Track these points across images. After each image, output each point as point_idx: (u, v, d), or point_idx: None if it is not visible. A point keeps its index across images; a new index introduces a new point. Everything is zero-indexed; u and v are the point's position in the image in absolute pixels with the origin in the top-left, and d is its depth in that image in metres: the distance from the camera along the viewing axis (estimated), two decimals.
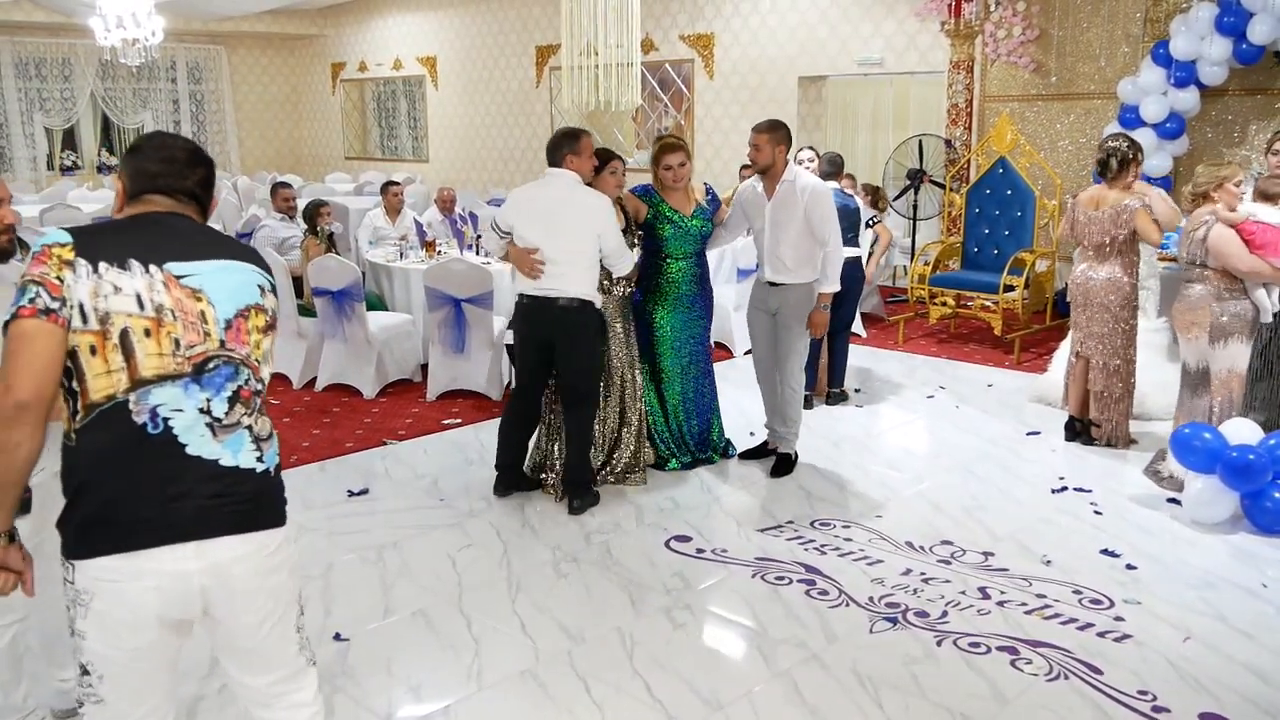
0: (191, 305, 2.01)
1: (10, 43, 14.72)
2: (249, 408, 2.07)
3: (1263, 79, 7.97)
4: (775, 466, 5.26)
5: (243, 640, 2.14)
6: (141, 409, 1.95)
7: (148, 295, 1.97)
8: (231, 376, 2.05)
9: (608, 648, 3.55)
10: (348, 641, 3.61)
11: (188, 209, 2.16)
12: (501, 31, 14.04)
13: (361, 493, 5.06)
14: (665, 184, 5.06)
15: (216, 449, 2.02)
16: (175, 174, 2.15)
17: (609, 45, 6.06)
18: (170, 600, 2.01)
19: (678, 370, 5.21)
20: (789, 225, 4.98)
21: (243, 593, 2.08)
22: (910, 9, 9.85)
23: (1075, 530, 4.53)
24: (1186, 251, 4.90)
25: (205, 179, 2.20)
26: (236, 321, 2.06)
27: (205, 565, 2.02)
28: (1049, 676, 3.36)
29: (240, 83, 17.02)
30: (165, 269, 2.00)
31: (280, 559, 2.15)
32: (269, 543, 2.11)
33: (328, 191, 12.99)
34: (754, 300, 5.29)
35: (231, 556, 2.05)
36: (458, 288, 6.37)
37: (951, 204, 9.08)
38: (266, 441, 2.12)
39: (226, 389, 2.04)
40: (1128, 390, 5.49)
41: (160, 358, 1.97)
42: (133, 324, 1.95)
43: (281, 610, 2.17)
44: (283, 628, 2.18)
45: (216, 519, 2.02)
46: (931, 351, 7.93)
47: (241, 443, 2.06)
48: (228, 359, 2.04)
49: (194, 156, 2.19)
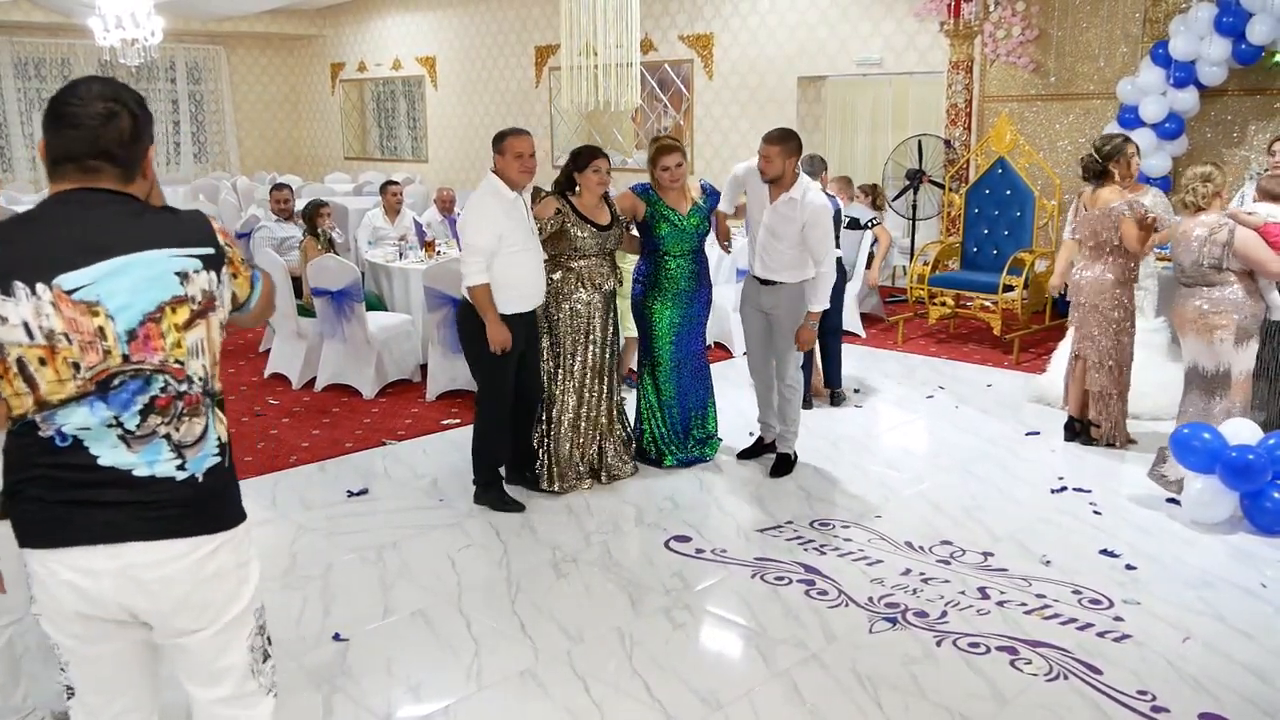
0: (87, 323, 1.84)
1: (10, 43, 14.71)
2: (167, 415, 1.93)
3: (1262, 79, 7.98)
4: (775, 467, 5.26)
5: (183, 644, 2.05)
6: (48, 427, 1.88)
7: (36, 323, 1.82)
8: (141, 389, 1.90)
9: (607, 648, 3.55)
10: (347, 641, 3.61)
11: (103, 178, 1.91)
12: (501, 32, 14.04)
13: (361, 493, 5.06)
14: (662, 184, 5.09)
15: (130, 459, 1.91)
16: (82, 136, 1.88)
17: (608, 45, 6.07)
18: (87, 598, 1.94)
19: (675, 365, 5.27)
20: (785, 235, 4.99)
21: (170, 598, 1.97)
22: (909, 9, 9.85)
23: (1075, 530, 4.53)
24: (1204, 256, 4.81)
25: (125, 133, 1.91)
26: (143, 329, 1.88)
27: (118, 567, 1.92)
28: (1048, 676, 3.36)
29: (239, 83, 17.01)
30: (55, 285, 1.82)
31: (219, 564, 2.01)
32: (200, 548, 1.98)
33: (327, 192, 12.98)
34: (747, 297, 5.31)
35: (148, 560, 1.93)
36: (457, 287, 6.35)
37: (951, 204, 9.08)
38: (193, 447, 1.96)
39: (136, 402, 1.90)
40: (1122, 391, 5.49)
41: (60, 384, 1.85)
42: (26, 354, 1.83)
43: (226, 619, 2.05)
44: (227, 638, 2.06)
45: (132, 526, 1.92)
46: (931, 352, 7.93)
47: (158, 451, 1.93)
48: (135, 373, 1.89)
49: (107, 109, 1.89)
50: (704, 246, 5.29)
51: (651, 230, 5.12)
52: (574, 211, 4.88)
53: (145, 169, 2.00)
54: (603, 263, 4.98)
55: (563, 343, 4.95)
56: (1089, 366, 5.48)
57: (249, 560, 2.10)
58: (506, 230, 4.57)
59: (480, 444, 4.83)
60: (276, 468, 5.43)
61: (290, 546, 4.43)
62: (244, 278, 2.12)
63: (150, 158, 2.01)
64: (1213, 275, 4.83)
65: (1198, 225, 4.86)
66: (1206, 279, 4.85)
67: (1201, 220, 4.86)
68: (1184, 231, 4.92)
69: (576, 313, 4.93)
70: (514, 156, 4.57)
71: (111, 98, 1.91)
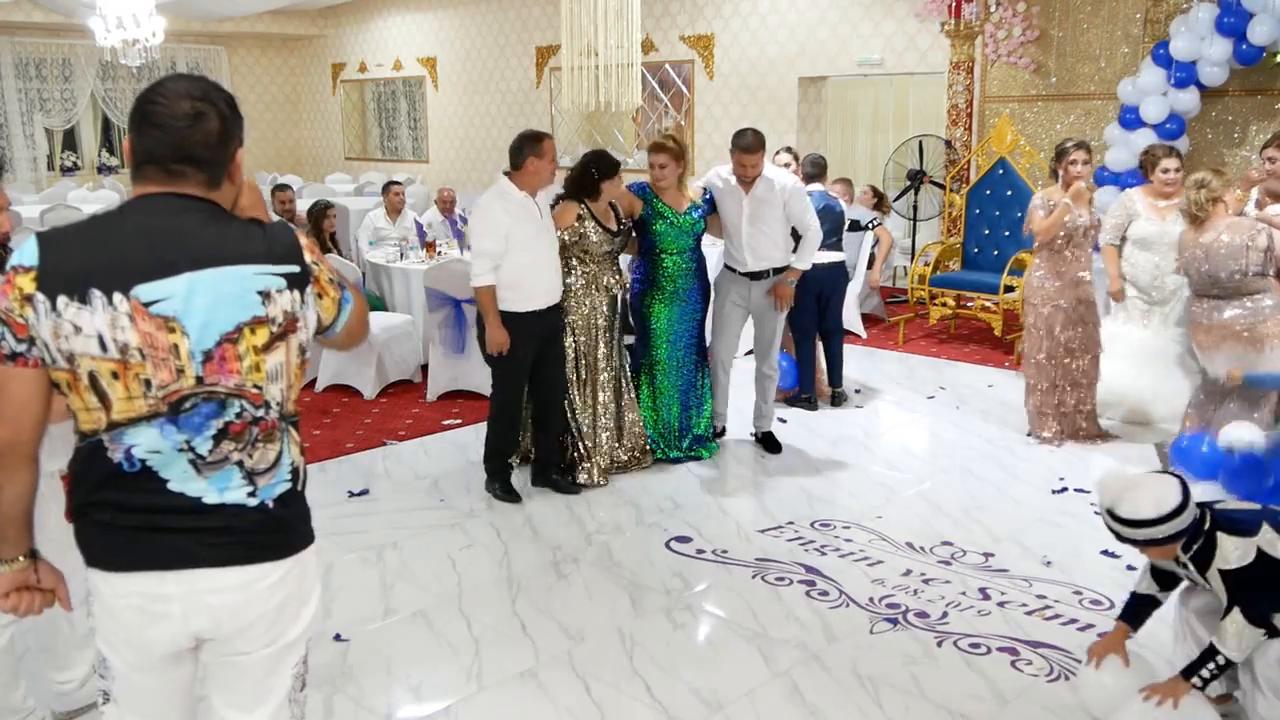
0: (163, 339, 1.76)
1: (10, 43, 14.71)
2: (241, 441, 1.84)
3: (1263, 80, 7.97)
4: (770, 446, 5.57)
5: (235, 661, 1.98)
6: (116, 448, 1.79)
7: (110, 335, 1.74)
8: (215, 413, 1.82)
9: (608, 648, 3.55)
10: (347, 642, 3.60)
11: (188, 184, 1.81)
12: (501, 32, 14.04)
13: (362, 493, 5.06)
14: (652, 181, 5.20)
15: (200, 486, 1.83)
16: (166, 138, 1.78)
17: (609, 46, 6.07)
18: (154, 623, 1.87)
19: (674, 363, 5.33)
20: (769, 218, 5.26)
21: (237, 622, 1.91)
22: (910, 9, 9.85)
23: (1075, 531, 4.53)
24: (1248, 264, 4.65)
25: (212, 136, 1.81)
26: (220, 350, 1.80)
27: (186, 592, 1.86)
28: (1049, 677, 3.36)
29: (240, 83, 17.00)
30: (133, 296, 1.74)
31: (287, 590, 1.94)
32: (269, 575, 1.91)
33: (328, 192, 12.99)
34: (730, 295, 5.43)
35: (216, 586, 1.87)
36: (458, 288, 6.37)
37: (951, 205, 9.08)
38: (265, 474, 1.88)
39: (209, 427, 1.81)
40: (1038, 385, 5.62)
41: (130, 401, 1.77)
42: (98, 367, 1.75)
43: (284, 642, 1.98)
44: (278, 660, 1.99)
45: (200, 553, 1.85)
46: (931, 352, 7.93)
47: (229, 479, 1.85)
48: (209, 395, 1.80)
49: (195, 108, 1.79)
50: (701, 245, 5.35)
51: (648, 228, 5.19)
52: (592, 216, 4.97)
53: (234, 174, 1.89)
54: (611, 266, 5.10)
55: (577, 344, 5.05)
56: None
57: (314, 584, 2.03)
58: (514, 230, 4.64)
59: (490, 436, 4.97)
60: None
61: None
62: (330, 299, 1.98)
63: (239, 161, 1.90)
64: (1255, 283, 4.70)
65: (1224, 233, 4.69)
66: (1248, 287, 4.71)
67: (1226, 228, 4.70)
68: (1207, 242, 4.72)
69: (589, 314, 5.03)
70: (551, 160, 4.71)
71: (200, 96, 1.81)
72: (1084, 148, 5.49)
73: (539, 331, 4.79)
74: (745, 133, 5.14)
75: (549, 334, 4.88)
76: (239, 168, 1.90)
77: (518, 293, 4.68)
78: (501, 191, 4.72)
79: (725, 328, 5.50)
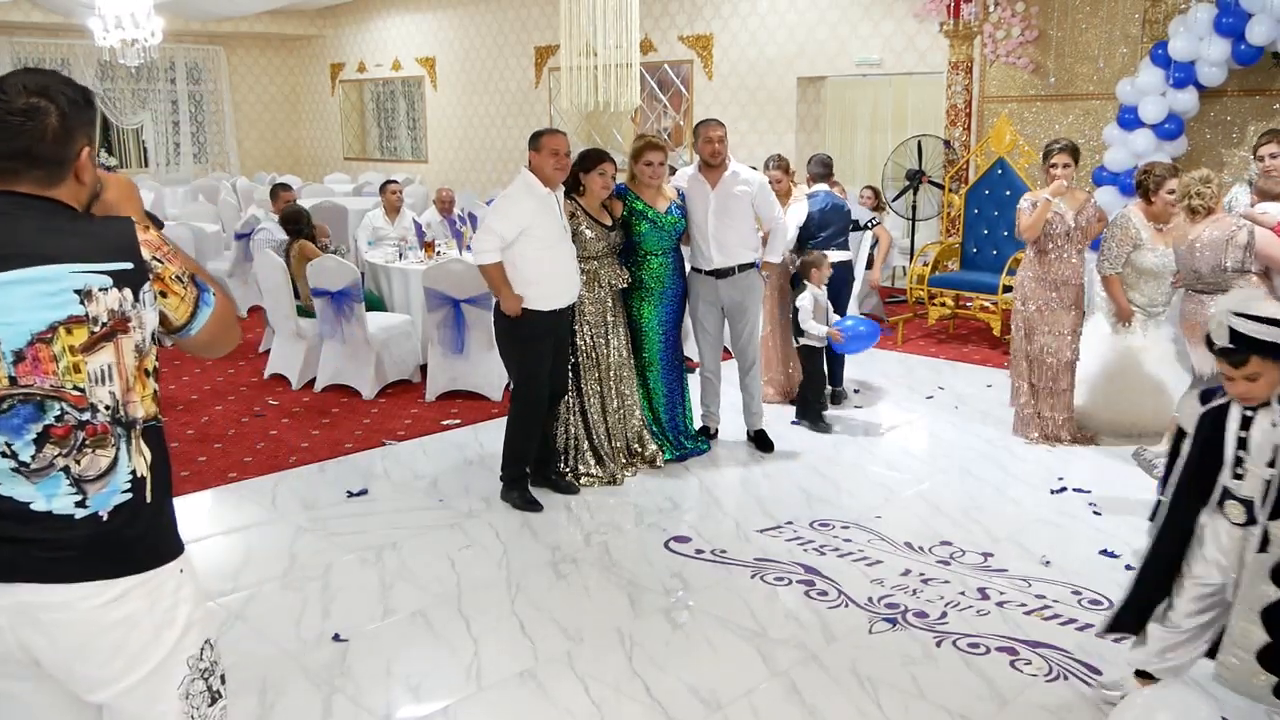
0: None
1: (9, 43, 14.70)
2: (65, 446, 1.76)
3: (1261, 80, 7.97)
4: (761, 444, 5.59)
5: (108, 702, 1.87)
6: None
7: None
8: (34, 416, 1.74)
9: (607, 648, 3.55)
10: (347, 642, 3.60)
11: (21, 181, 1.77)
12: (500, 32, 14.04)
13: (361, 493, 5.06)
14: (643, 180, 5.20)
15: (29, 491, 1.75)
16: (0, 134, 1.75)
17: (608, 46, 6.07)
18: None
19: (664, 362, 5.37)
20: (736, 212, 5.32)
21: (68, 643, 1.79)
22: (909, 10, 9.85)
23: (1074, 531, 4.53)
24: (1228, 259, 4.71)
25: (48, 133, 1.76)
26: (32, 350, 1.73)
27: (12, 604, 1.76)
28: (1048, 677, 3.36)
29: (239, 83, 17.01)
30: None
31: (128, 610, 1.82)
32: (103, 593, 1.79)
33: (326, 192, 12.98)
34: (701, 296, 5.46)
35: (40, 603, 1.77)
36: (457, 288, 6.37)
37: (950, 205, 9.08)
38: (96, 482, 1.79)
39: (28, 430, 1.74)
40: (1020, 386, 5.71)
41: None
42: None
43: (146, 669, 1.86)
44: (152, 689, 1.87)
45: (23, 565, 1.75)
46: (930, 352, 7.93)
47: (56, 485, 1.76)
48: (24, 397, 1.74)
49: (30, 103, 1.74)
50: (680, 246, 5.41)
51: (631, 229, 5.21)
52: (583, 212, 4.97)
53: (79, 171, 1.83)
54: (612, 261, 5.11)
55: (583, 340, 5.06)
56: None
57: (177, 603, 1.89)
58: (537, 225, 4.65)
59: (511, 440, 4.86)
60: (276, 468, 5.42)
61: (290, 547, 4.43)
62: (179, 298, 1.90)
63: (85, 160, 1.84)
64: (1235, 279, 4.75)
65: (1208, 229, 4.77)
66: (1228, 283, 4.75)
67: (1210, 224, 4.77)
68: (1193, 238, 4.82)
69: (592, 310, 5.04)
70: (550, 154, 4.66)
71: (37, 91, 1.75)
72: (1069, 150, 5.49)
73: (556, 330, 4.80)
74: (709, 118, 5.49)
75: (562, 333, 4.89)
76: (85, 166, 1.85)
77: (538, 289, 4.66)
78: (528, 184, 4.69)
79: (704, 329, 5.54)
